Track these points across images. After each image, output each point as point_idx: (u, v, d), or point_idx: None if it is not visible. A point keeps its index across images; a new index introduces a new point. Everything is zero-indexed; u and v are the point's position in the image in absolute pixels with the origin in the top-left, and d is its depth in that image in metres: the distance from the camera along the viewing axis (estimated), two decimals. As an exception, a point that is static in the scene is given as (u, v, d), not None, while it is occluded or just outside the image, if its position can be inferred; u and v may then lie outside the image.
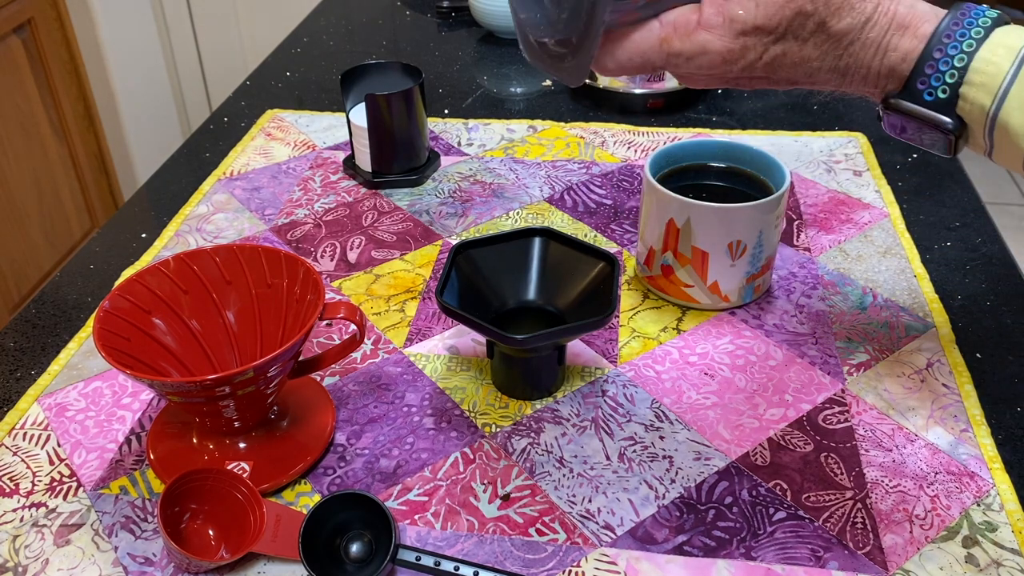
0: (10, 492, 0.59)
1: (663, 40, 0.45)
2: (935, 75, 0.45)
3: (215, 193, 0.91)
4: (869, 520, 0.56)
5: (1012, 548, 0.54)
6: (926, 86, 0.46)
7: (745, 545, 0.54)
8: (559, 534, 0.55)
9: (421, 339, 0.71)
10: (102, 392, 0.67)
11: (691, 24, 0.45)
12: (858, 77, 0.47)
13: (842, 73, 0.46)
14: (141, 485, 0.59)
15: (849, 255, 0.80)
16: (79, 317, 0.75)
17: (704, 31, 0.44)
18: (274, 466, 0.58)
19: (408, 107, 0.88)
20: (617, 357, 0.69)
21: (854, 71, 0.46)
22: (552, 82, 1.15)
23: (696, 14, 0.45)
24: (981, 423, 0.62)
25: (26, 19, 1.87)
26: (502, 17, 1.25)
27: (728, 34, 0.44)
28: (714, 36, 0.44)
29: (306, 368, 0.61)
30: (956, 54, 0.45)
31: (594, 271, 0.64)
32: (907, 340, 0.70)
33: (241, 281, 0.61)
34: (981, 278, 0.77)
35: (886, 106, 0.48)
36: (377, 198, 0.90)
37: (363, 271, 0.79)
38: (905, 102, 0.47)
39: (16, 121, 1.85)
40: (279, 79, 1.18)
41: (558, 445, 0.61)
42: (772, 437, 0.62)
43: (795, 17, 0.44)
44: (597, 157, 0.96)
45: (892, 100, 0.47)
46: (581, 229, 0.84)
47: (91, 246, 0.84)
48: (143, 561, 0.54)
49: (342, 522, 0.54)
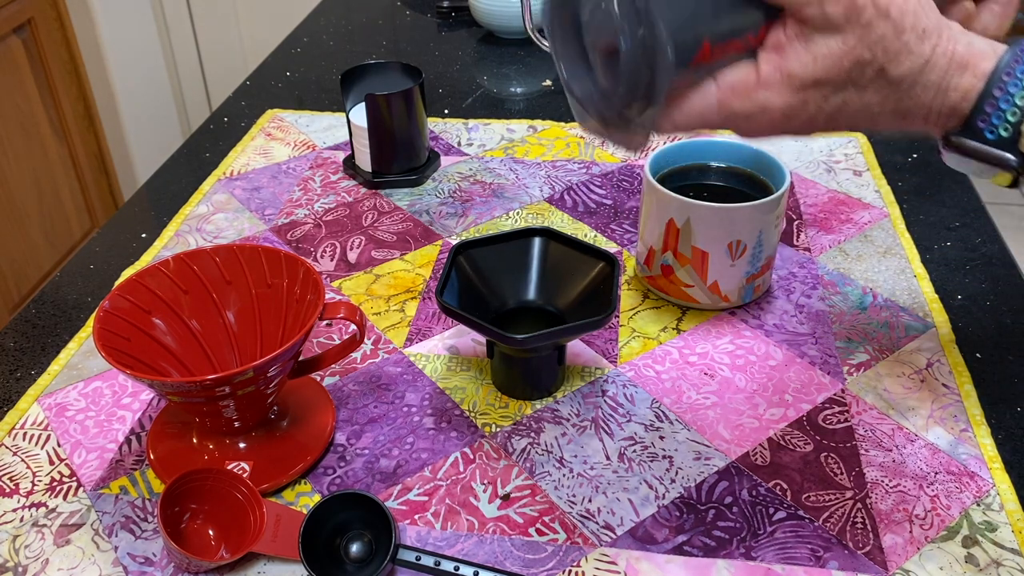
0: (10, 492, 0.59)
1: (721, 101, 0.45)
2: (996, 113, 0.45)
3: (215, 193, 0.91)
4: (869, 520, 0.56)
5: (1012, 548, 0.54)
6: (987, 124, 0.45)
7: (745, 545, 0.54)
8: (559, 534, 0.55)
9: (421, 339, 0.71)
10: (102, 392, 0.67)
11: (749, 83, 0.44)
12: (919, 118, 0.46)
13: (903, 115, 0.46)
14: (141, 485, 0.59)
15: (849, 255, 0.80)
16: (79, 317, 0.75)
17: (762, 89, 0.44)
18: (274, 466, 0.58)
19: (408, 107, 0.88)
20: (617, 357, 0.69)
21: (915, 112, 0.46)
22: (552, 82, 1.15)
23: (753, 72, 0.44)
24: (981, 423, 0.62)
25: (26, 19, 1.87)
26: (502, 17, 1.25)
27: (787, 90, 0.43)
28: (773, 93, 0.44)
29: (306, 368, 0.61)
30: (1017, 92, 0.44)
31: (594, 271, 0.64)
32: (907, 340, 0.70)
33: (241, 281, 0.61)
34: (981, 278, 0.77)
35: (947, 143, 0.47)
36: (377, 198, 0.90)
37: (363, 271, 0.79)
38: (967, 140, 0.46)
39: (16, 121, 1.85)
40: (279, 79, 1.18)
41: (558, 445, 0.61)
42: (772, 437, 0.62)
43: (854, 67, 0.43)
44: (597, 157, 0.96)
45: (954, 138, 0.46)
46: (581, 229, 0.84)
47: (91, 246, 0.84)
48: (143, 561, 0.54)
49: (342, 522, 0.54)
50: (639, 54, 0.42)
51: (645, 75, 0.42)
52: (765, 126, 0.45)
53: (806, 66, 0.43)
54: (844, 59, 0.43)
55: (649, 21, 0.41)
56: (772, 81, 0.44)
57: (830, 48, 0.43)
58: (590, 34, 0.46)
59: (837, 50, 0.43)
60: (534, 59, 1.22)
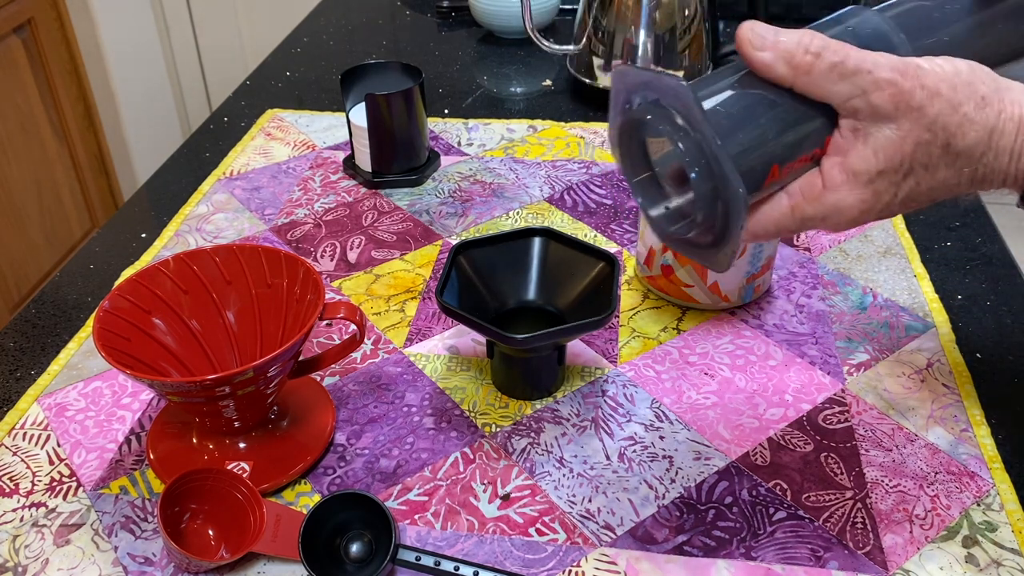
0: (10, 492, 0.59)
1: (794, 209, 0.45)
2: None
3: (215, 193, 0.91)
4: (869, 520, 0.56)
5: (1012, 548, 0.54)
6: None
7: (745, 545, 0.54)
8: (559, 534, 0.55)
9: (421, 339, 0.71)
10: (102, 392, 0.67)
11: (816, 188, 0.44)
12: (997, 182, 0.46)
13: (980, 181, 0.45)
14: (141, 485, 0.59)
15: (849, 255, 0.80)
16: (79, 317, 0.75)
17: (830, 192, 0.44)
18: (274, 466, 0.58)
19: (408, 107, 0.88)
20: (617, 357, 0.69)
21: (992, 178, 0.45)
22: (552, 82, 1.15)
23: (819, 177, 0.44)
24: (981, 423, 0.62)
25: (26, 19, 1.87)
26: (502, 17, 1.25)
27: (856, 188, 0.43)
28: (842, 193, 0.43)
29: (306, 368, 0.61)
30: None
31: (594, 271, 0.64)
32: (907, 340, 0.70)
33: (241, 281, 0.61)
34: (981, 278, 0.77)
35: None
36: (377, 198, 0.90)
37: (363, 271, 0.79)
38: None
39: (16, 121, 1.85)
40: (279, 79, 1.18)
41: (558, 445, 0.61)
42: (772, 437, 0.62)
43: (916, 150, 0.42)
44: (597, 157, 0.96)
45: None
46: (581, 229, 0.84)
47: (91, 246, 0.84)
48: (143, 561, 0.54)
49: (342, 522, 0.54)
50: (710, 192, 0.42)
51: (719, 208, 0.43)
52: (844, 223, 0.45)
53: (867, 160, 0.43)
54: (904, 145, 0.42)
55: (718, 162, 0.41)
56: (838, 182, 0.43)
57: (887, 138, 0.42)
58: (659, 165, 0.47)
59: (895, 137, 0.42)
60: (534, 59, 1.22)
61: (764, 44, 0.41)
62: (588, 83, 1.07)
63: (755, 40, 0.41)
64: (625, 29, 1.01)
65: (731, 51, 1.07)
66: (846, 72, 0.41)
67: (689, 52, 1.03)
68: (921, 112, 0.41)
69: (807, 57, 0.41)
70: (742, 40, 0.42)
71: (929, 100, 0.41)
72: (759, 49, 0.41)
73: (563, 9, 1.36)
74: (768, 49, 0.41)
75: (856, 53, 0.41)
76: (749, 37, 0.42)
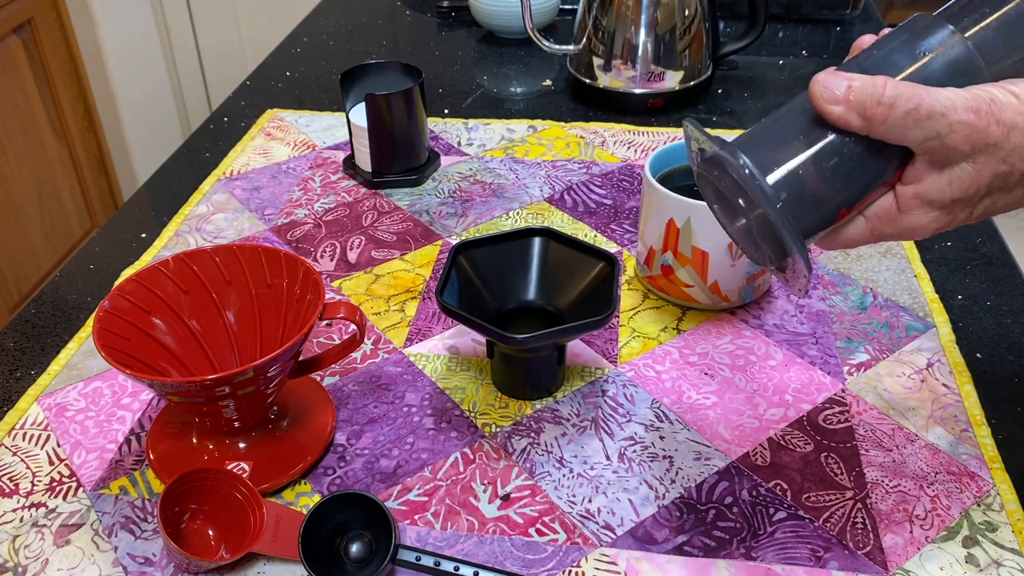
0: (10, 492, 0.59)
1: (872, 230, 0.46)
2: None
3: (215, 193, 0.91)
4: (869, 520, 0.55)
5: (1012, 548, 0.54)
6: None
7: (745, 545, 0.54)
8: (559, 534, 0.55)
9: (421, 339, 0.71)
10: (102, 392, 0.67)
11: (892, 212, 0.45)
12: None
13: None
14: (141, 485, 0.59)
15: (849, 255, 0.79)
16: (79, 317, 0.75)
17: (906, 215, 0.44)
18: (274, 466, 0.58)
19: (408, 107, 0.88)
20: (617, 357, 0.69)
21: None
22: (552, 82, 1.15)
23: (894, 203, 0.45)
24: (981, 423, 0.62)
25: (26, 19, 1.87)
26: (502, 17, 1.25)
27: (931, 211, 0.44)
28: (918, 216, 0.44)
29: (306, 368, 0.61)
30: None
31: (594, 271, 0.64)
32: (907, 340, 0.70)
33: (241, 281, 0.61)
34: (981, 278, 0.77)
35: None
36: (377, 198, 0.90)
37: (363, 271, 0.79)
38: None
39: (16, 121, 1.85)
40: (279, 79, 1.18)
41: (558, 445, 0.61)
42: (772, 437, 0.62)
43: (993, 180, 0.43)
44: (597, 157, 0.96)
45: None
46: (581, 229, 0.84)
47: (91, 246, 0.84)
48: (143, 561, 0.54)
49: (342, 522, 0.54)
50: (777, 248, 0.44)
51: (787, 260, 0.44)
52: (922, 237, 0.46)
53: (943, 191, 0.43)
54: (980, 177, 0.42)
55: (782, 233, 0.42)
56: (913, 207, 0.44)
57: (964, 171, 0.42)
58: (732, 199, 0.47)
59: (971, 170, 0.42)
60: (534, 59, 1.22)
61: (836, 98, 0.41)
62: (588, 83, 1.07)
63: (826, 94, 0.42)
64: (625, 29, 1.01)
65: (731, 51, 1.07)
66: (920, 118, 0.41)
67: (689, 52, 1.03)
68: (997, 147, 0.41)
69: (880, 109, 0.41)
70: (814, 95, 0.42)
71: (1005, 135, 0.41)
72: (831, 103, 0.41)
73: (563, 9, 1.36)
74: (841, 103, 0.41)
75: (929, 98, 0.41)
76: (820, 91, 0.42)
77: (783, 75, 1.16)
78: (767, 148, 0.43)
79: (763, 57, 1.21)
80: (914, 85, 0.41)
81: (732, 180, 0.44)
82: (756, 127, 0.45)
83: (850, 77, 0.41)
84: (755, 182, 0.42)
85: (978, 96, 0.41)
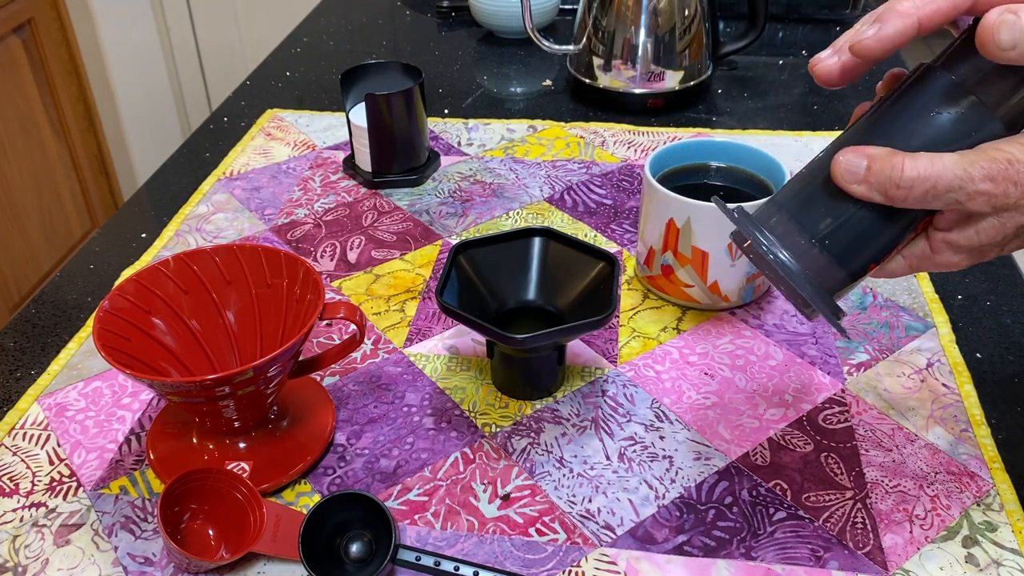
0: (10, 492, 0.59)
1: (910, 266, 0.48)
2: None
3: (215, 193, 0.91)
4: (869, 520, 0.56)
5: (1012, 548, 0.54)
6: None
7: (745, 545, 0.54)
8: (559, 534, 0.55)
9: (421, 339, 0.71)
10: (102, 392, 0.67)
11: (926, 253, 0.47)
12: None
13: None
14: (141, 485, 0.59)
15: (849, 255, 0.79)
16: (79, 317, 0.75)
17: (939, 255, 0.47)
18: (274, 466, 0.58)
19: (408, 107, 0.88)
20: (617, 357, 0.69)
21: None
22: (552, 82, 1.15)
23: (927, 246, 0.47)
24: (981, 423, 0.62)
25: (26, 19, 1.88)
26: (502, 17, 1.25)
27: (961, 252, 0.47)
28: (949, 255, 0.47)
29: (306, 368, 0.61)
30: None
31: (594, 271, 0.64)
32: (907, 340, 0.70)
33: (241, 281, 0.61)
34: (981, 278, 0.77)
35: None
36: (377, 198, 0.90)
37: (363, 271, 0.79)
38: None
39: (16, 121, 1.85)
40: (279, 79, 1.18)
41: (558, 445, 0.61)
42: (772, 437, 0.62)
43: (1019, 230, 0.45)
44: (597, 157, 0.96)
45: None
46: (581, 229, 0.84)
47: (91, 246, 0.84)
48: (143, 561, 0.54)
49: (342, 522, 0.54)
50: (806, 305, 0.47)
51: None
52: (957, 269, 0.49)
53: (971, 239, 0.45)
54: (1005, 228, 0.44)
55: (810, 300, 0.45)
56: (944, 250, 0.46)
57: (990, 224, 0.44)
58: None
59: (996, 224, 0.44)
60: (534, 59, 1.22)
61: (857, 178, 0.43)
62: (588, 83, 1.07)
63: (848, 176, 0.44)
64: (625, 29, 1.01)
65: (731, 51, 1.07)
66: (939, 194, 0.42)
67: (689, 52, 1.03)
68: (1018, 207, 0.43)
69: (900, 192, 0.43)
70: (836, 175, 0.44)
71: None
72: (853, 183, 0.44)
73: (563, 9, 1.36)
74: (862, 183, 0.43)
75: (946, 174, 0.42)
76: (843, 173, 0.44)
77: (783, 75, 1.16)
78: (792, 219, 0.46)
79: (763, 57, 1.21)
80: (930, 159, 0.42)
81: (764, 262, 0.46)
82: (779, 195, 0.47)
83: (869, 155, 0.43)
84: (774, 259, 0.45)
85: (994, 159, 0.42)
